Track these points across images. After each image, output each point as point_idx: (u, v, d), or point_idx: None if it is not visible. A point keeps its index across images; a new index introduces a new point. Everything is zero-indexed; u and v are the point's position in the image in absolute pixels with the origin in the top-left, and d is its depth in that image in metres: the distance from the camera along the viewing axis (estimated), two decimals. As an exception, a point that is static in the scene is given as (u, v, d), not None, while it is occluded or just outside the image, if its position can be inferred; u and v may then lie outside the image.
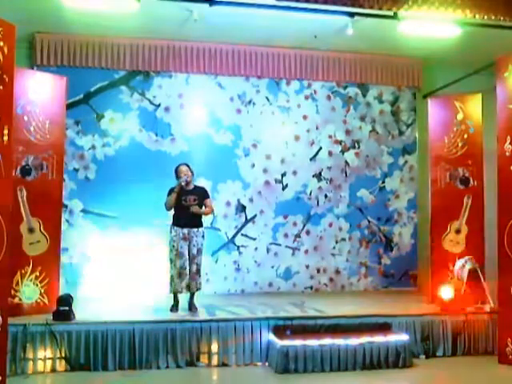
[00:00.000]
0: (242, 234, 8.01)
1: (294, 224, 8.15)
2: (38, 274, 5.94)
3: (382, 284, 8.35)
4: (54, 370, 5.33)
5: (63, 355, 5.34)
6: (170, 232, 6.21)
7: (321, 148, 8.29)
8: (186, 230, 6.11)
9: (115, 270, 7.52)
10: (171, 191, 6.18)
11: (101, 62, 7.55)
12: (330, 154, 8.31)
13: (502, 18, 6.15)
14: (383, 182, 8.46)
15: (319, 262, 8.17)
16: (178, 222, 6.18)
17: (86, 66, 7.51)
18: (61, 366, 5.35)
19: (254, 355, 5.70)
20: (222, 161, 7.91)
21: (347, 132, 8.37)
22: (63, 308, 5.56)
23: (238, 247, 7.98)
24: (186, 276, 6.06)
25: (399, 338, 5.73)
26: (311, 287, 8.13)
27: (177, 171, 6.26)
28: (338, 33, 6.90)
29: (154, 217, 7.44)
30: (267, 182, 8.11)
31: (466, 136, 7.05)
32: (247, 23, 6.98)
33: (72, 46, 7.44)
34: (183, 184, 6.12)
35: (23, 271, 5.85)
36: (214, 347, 5.65)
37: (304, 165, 8.21)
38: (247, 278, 7.95)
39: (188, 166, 6.33)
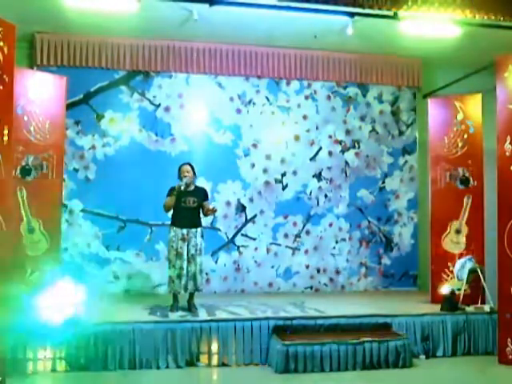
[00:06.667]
0: (242, 234, 8.01)
1: (294, 224, 8.15)
2: (38, 273, 5.93)
3: (382, 284, 8.36)
4: (54, 369, 5.32)
5: (63, 355, 5.34)
6: (169, 232, 6.20)
7: (321, 148, 8.29)
8: (184, 231, 6.09)
9: (115, 270, 7.54)
10: (171, 192, 6.16)
11: (101, 62, 7.55)
12: (330, 154, 8.31)
13: (502, 18, 6.15)
14: (383, 182, 8.47)
15: (319, 262, 8.18)
16: (176, 222, 6.16)
17: (86, 65, 7.52)
18: (61, 366, 5.34)
19: (254, 355, 5.69)
20: (222, 161, 7.91)
21: (347, 132, 8.37)
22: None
23: (238, 247, 7.98)
24: (184, 276, 6.03)
25: (399, 338, 5.72)
26: (311, 287, 8.14)
27: (179, 170, 6.26)
28: (338, 33, 6.90)
29: (154, 217, 7.46)
30: (267, 182, 8.11)
31: (465, 136, 7.05)
32: (247, 23, 6.98)
33: (72, 45, 7.45)
34: (182, 188, 6.08)
35: (23, 271, 5.84)
36: (214, 347, 5.64)
37: (304, 165, 8.21)
38: (247, 278, 7.95)
39: (191, 166, 6.30)
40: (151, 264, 7.63)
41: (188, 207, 6.13)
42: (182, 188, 6.08)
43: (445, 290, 6.49)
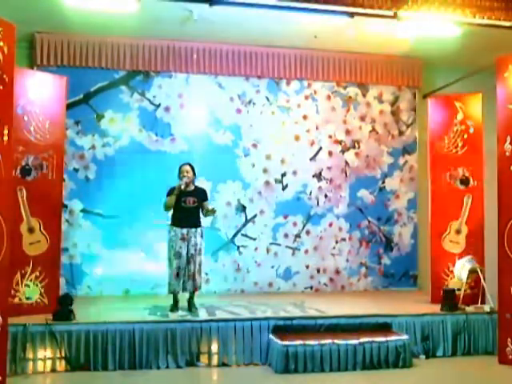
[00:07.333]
0: (242, 234, 8.01)
1: (294, 224, 8.15)
2: (38, 274, 5.93)
3: (382, 284, 8.36)
4: (54, 369, 5.31)
5: (63, 355, 5.34)
6: (169, 232, 6.20)
7: (321, 148, 8.29)
8: (184, 231, 6.10)
9: (115, 270, 7.54)
10: (171, 192, 6.17)
11: (101, 62, 7.56)
12: (330, 154, 8.31)
13: (501, 18, 6.14)
14: (383, 182, 8.47)
15: (319, 262, 8.18)
16: (176, 222, 6.17)
17: (86, 65, 7.52)
18: (61, 366, 5.34)
19: (254, 355, 5.69)
20: (222, 161, 7.91)
21: (347, 132, 8.37)
22: (63, 308, 5.56)
23: (238, 247, 7.98)
24: (183, 276, 6.04)
25: (399, 337, 5.73)
26: (311, 287, 8.14)
27: (179, 170, 6.26)
28: (338, 33, 6.89)
29: (154, 216, 7.46)
30: (267, 182, 8.11)
31: (465, 136, 7.05)
32: (247, 23, 6.98)
33: (72, 45, 7.45)
34: (182, 188, 6.10)
35: (23, 271, 5.83)
36: (214, 347, 5.64)
37: (304, 165, 8.21)
38: (247, 278, 7.95)
39: (191, 166, 6.30)
40: (151, 264, 7.63)
41: (188, 207, 6.13)
42: (182, 187, 6.09)
43: (446, 289, 6.48)
